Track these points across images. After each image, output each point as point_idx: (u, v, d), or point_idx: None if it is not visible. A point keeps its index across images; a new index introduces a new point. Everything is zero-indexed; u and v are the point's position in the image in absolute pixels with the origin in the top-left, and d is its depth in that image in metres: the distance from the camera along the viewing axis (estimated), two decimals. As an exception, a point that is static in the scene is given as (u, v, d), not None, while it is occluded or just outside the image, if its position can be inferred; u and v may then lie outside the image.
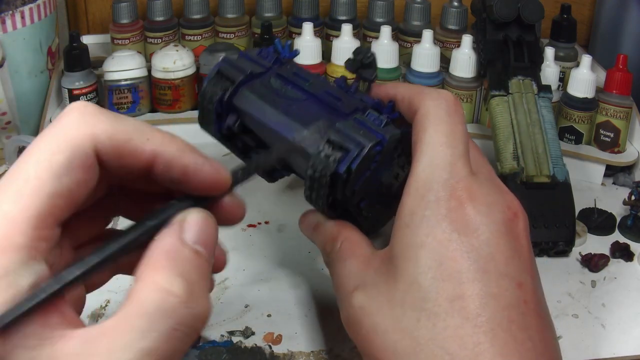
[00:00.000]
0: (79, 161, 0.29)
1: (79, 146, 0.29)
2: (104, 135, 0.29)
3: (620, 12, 0.83)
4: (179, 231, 0.30)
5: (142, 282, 0.28)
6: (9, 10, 0.65)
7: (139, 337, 0.27)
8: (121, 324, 0.27)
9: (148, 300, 0.27)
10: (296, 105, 0.46)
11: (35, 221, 0.28)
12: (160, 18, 0.78)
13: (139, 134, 0.30)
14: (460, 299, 0.35)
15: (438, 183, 0.37)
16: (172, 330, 0.27)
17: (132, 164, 0.31)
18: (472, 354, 0.34)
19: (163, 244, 0.29)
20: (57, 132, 0.29)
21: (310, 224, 0.46)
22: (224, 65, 0.48)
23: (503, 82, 0.62)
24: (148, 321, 0.27)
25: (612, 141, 0.68)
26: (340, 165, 0.41)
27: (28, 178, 0.28)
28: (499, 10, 0.65)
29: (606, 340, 0.49)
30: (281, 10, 0.81)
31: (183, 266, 0.29)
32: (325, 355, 0.46)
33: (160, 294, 0.27)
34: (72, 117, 0.30)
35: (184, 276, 0.28)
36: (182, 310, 0.28)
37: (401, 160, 0.45)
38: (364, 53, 0.47)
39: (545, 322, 0.37)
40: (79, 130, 0.29)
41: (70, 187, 0.29)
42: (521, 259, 0.37)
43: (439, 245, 0.36)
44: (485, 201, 0.37)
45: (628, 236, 0.60)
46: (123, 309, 0.27)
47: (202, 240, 0.30)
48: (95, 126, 0.29)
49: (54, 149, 0.29)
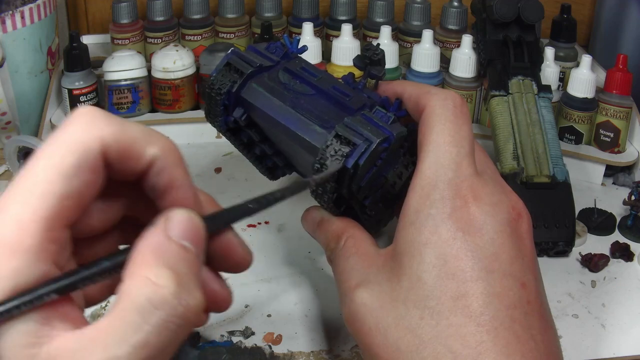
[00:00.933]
0: (88, 163, 0.29)
1: (87, 149, 0.29)
2: (111, 138, 0.30)
3: (620, 12, 0.83)
4: (164, 228, 0.30)
5: (131, 279, 0.28)
6: (9, 10, 0.65)
7: (132, 331, 0.27)
8: (114, 320, 0.27)
9: (138, 295, 0.27)
10: (304, 99, 0.46)
11: (45, 223, 0.28)
12: (160, 18, 0.78)
13: (144, 138, 0.31)
14: (463, 298, 0.35)
15: (443, 182, 0.38)
16: (163, 322, 0.28)
17: (133, 167, 0.31)
18: (475, 353, 0.34)
19: (149, 241, 0.29)
20: (65, 135, 0.29)
21: (314, 221, 0.46)
22: (233, 57, 0.47)
23: (503, 82, 0.62)
24: (139, 315, 0.27)
25: (612, 141, 0.68)
26: (348, 160, 0.41)
27: (37, 180, 0.28)
28: (499, 10, 0.65)
29: (606, 340, 0.49)
30: (281, 10, 0.81)
31: (170, 259, 0.29)
32: (325, 355, 0.46)
33: (149, 287, 0.28)
34: (81, 121, 0.30)
35: (172, 269, 0.28)
36: (172, 302, 0.28)
37: (405, 159, 0.45)
38: (373, 50, 0.47)
39: (547, 322, 0.37)
40: (87, 133, 0.29)
41: (79, 189, 0.29)
42: (525, 259, 0.37)
43: (444, 244, 0.36)
44: (489, 201, 0.37)
45: (628, 236, 0.60)
46: (115, 306, 0.28)
47: (188, 236, 0.30)
48: (103, 129, 0.30)
49: (63, 152, 0.29)
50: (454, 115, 0.40)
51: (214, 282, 0.34)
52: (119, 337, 0.27)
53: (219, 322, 0.48)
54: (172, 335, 0.28)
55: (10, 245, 0.27)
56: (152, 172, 0.31)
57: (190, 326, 0.29)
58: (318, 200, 0.44)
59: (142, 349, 0.27)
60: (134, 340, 0.27)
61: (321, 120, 0.44)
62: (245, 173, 0.51)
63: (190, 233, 0.30)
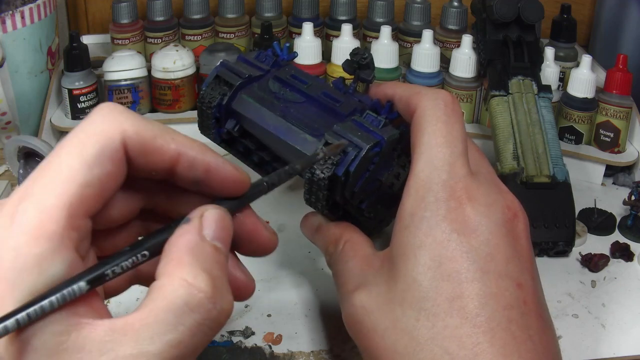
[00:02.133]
0: (109, 153, 0.30)
1: (109, 139, 0.30)
2: (131, 130, 0.30)
3: (620, 12, 0.83)
4: (199, 227, 0.30)
5: (167, 277, 0.29)
6: (9, 10, 0.65)
7: (166, 329, 0.27)
8: (148, 316, 0.28)
9: (175, 295, 0.28)
10: (294, 108, 0.46)
11: (68, 210, 0.28)
12: (160, 18, 0.78)
13: (164, 134, 0.31)
14: (459, 299, 0.35)
15: (437, 184, 0.38)
16: (198, 324, 0.28)
17: (157, 161, 0.31)
18: (472, 354, 0.34)
19: (184, 240, 0.30)
20: (87, 127, 0.30)
21: (312, 227, 0.46)
22: (222, 69, 0.48)
23: (503, 82, 0.62)
24: (175, 315, 0.28)
25: (612, 141, 0.68)
26: (338, 167, 0.41)
27: (60, 168, 0.29)
28: (499, 10, 0.65)
29: (606, 340, 0.49)
30: (281, 10, 0.81)
31: (206, 262, 0.29)
32: (325, 355, 0.46)
33: (186, 289, 0.28)
34: (102, 114, 0.31)
35: (208, 272, 0.29)
36: (207, 305, 0.28)
37: (402, 159, 0.45)
38: (360, 54, 0.47)
39: (545, 322, 0.37)
40: (109, 125, 0.30)
41: (100, 178, 0.29)
42: (521, 259, 0.37)
43: (439, 246, 0.36)
44: (484, 201, 0.37)
45: (628, 236, 0.60)
46: (149, 303, 0.28)
47: (220, 236, 0.31)
48: (123, 123, 0.30)
49: (85, 142, 0.29)
50: (446, 115, 0.39)
51: (236, 270, 0.34)
52: (151, 333, 0.27)
53: (219, 322, 0.49)
54: (204, 337, 0.29)
55: (34, 231, 0.27)
56: (183, 165, 0.32)
57: (220, 328, 0.29)
58: (313, 207, 0.44)
59: (175, 348, 0.27)
60: (167, 338, 0.27)
61: (311, 128, 0.44)
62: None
63: (221, 233, 0.31)
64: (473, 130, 0.71)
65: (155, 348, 0.27)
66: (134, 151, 0.30)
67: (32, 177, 0.29)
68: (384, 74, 0.71)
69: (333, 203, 0.43)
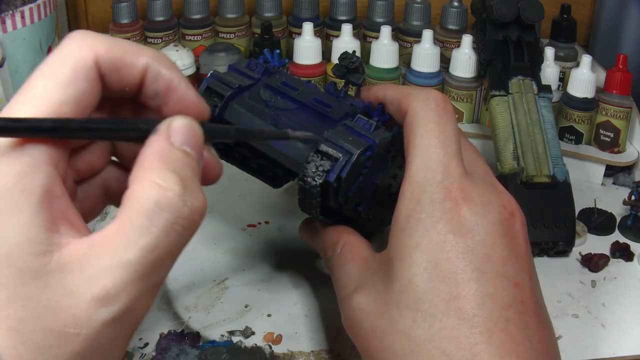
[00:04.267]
0: (83, 73, 0.30)
1: (82, 59, 0.30)
2: (102, 49, 0.31)
3: (620, 12, 0.83)
4: (167, 135, 0.31)
5: (137, 183, 0.29)
6: (9, 10, 0.65)
7: (140, 234, 0.28)
8: (123, 224, 0.28)
9: (145, 198, 0.28)
10: (285, 115, 0.46)
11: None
12: (160, 18, 0.78)
13: (134, 49, 0.32)
14: (456, 300, 0.35)
15: (432, 185, 0.37)
16: (171, 224, 0.28)
17: (129, 75, 0.32)
18: (469, 354, 0.34)
19: (153, 147, 0.30)
20: (60, 51, 0.31)
21: (310, 232, 0.47)
22: (213, 81, 0.48)
23: (503, 82, 0.62)
24: (147, 218, 0.28)
25: (612, 141, 0.68)
26: (329, 174, 0.41)
27: (36, 90, 0.29)
28: (499, 10, 0.65)
29: (606, 340, 0.49)
30: (281, 10, 0.81)
31: (174, 164, 0.30)
32: (325, 355, 0.46)
33: (155, 190, 0.28)
34: (74, 38, 0.31)
35: (177, 172, 0.29)
36: (178, 204, 0.28)
37: (397, 160, 0.45)
38: (349, 58, 0.47)
39: (543, 321, 0.36)
40: (81, 47, 0.31)
41: (76, 97, 0.30)
42: (518, 258, 0.37)
43: (434, 247, 0.36)
44: (480, 201, 0.37)
45: (628, 236, 0.60)
46: (123, 211, 0.28)
47: (189, 141, 0.31)
48: (94, 43, 0.31)
49: (58, 64, 0.30)
50: (438, 115, 0.39)
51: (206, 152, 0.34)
52: (127, 241, 0.28)
53: (219, 322, 0.49)
54: (179, 237, 0.29)
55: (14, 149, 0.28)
56: (149, 80, 0.32)
57: (194, 227, 0.30)
58: (307, 213, 0.44)
59: (151, 251, 0.28)
60: (142, 243, 0.28)
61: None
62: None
63: (190, 138, 0.31)
64: (473, 130, 0.71)
65: (133, 254, 0.27)
66: (107, 68, 0.31)
67: (10, 102, 0.30)
68: (384, 74, 0.71)
69: (328, 208, 0.43)
